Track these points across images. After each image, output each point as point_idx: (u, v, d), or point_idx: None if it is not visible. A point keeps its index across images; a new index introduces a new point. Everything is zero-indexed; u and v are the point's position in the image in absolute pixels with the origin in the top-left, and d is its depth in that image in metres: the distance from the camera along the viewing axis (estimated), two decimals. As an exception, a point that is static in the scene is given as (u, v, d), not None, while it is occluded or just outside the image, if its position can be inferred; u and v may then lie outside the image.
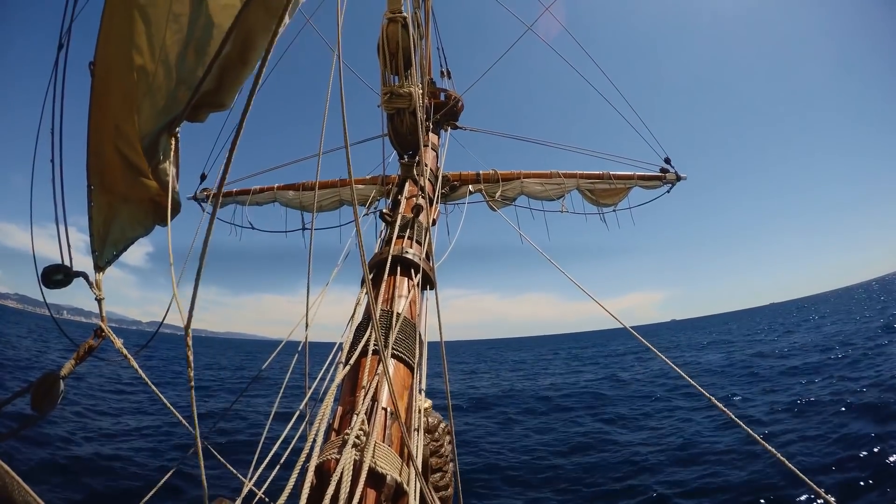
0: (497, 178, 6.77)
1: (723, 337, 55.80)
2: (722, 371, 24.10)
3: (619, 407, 17.13)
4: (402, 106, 3.92)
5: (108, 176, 1.70)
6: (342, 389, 2.13)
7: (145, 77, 1.60)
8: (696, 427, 13.02)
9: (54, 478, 8.94)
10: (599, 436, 13.08)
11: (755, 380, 20.02)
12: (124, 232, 1.88)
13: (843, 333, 32.03)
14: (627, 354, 44.01)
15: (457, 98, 7.56)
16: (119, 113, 1.62)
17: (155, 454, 10.74)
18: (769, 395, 16.42)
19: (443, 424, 3.03)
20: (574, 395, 20.08)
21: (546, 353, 58.93)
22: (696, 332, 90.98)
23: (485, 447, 12.31)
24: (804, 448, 10.14)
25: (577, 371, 32.26)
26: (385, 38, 3.72)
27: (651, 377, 23.87)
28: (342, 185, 7.20)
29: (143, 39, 1.56)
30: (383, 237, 3.32)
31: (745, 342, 40.79)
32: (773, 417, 13.13)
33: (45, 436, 10.89)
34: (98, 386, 19.28)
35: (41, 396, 1.55)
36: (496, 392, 22.29)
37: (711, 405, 2.69)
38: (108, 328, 1.69)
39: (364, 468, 1.62)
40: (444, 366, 2.68)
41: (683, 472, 9.71)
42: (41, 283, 1.63)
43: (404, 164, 4.18)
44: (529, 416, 16.46)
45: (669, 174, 7.31)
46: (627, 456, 11.00)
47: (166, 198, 1.88)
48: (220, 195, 1.65)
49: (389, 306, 2.53)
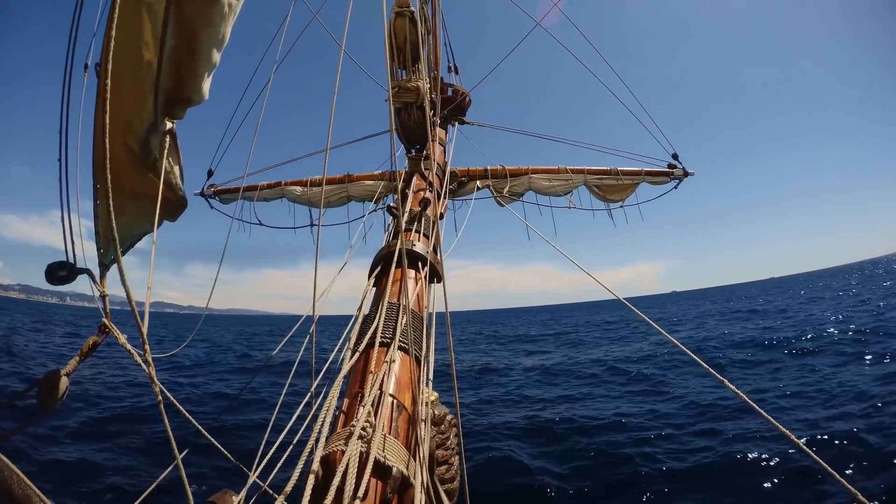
0: (505, 174, 6.76)
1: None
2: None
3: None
4: (409, 100, 3.92)
5: (116, 173, 1.70)
6: (349, 381, 2.13)
7: (151, 72, 1.60)
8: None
9: (54, 470, 9.01)
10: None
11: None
12: (131, 229, 1.88)
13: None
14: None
15: (464, 93, 7.55)
16: (130, 110, 1.62)
17: (157, 447, 10.76)
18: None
19: (449, 417, 3.02)
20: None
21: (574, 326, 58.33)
22: (694, 303, 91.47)
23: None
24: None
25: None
26: (393, 31, 3.71)
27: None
28: (349, 181, 7.20)
29: (149, 36, 1.55)
30: (391, 230, 3.33)
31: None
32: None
33: (46, 430, 10.95)
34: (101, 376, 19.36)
35: (46, 394, 1.55)
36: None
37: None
38: (112, 324, 1.69)
39: (370, 460, 1.61)
40: (452, 358, 2.67)
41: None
42: (46, 279, 1.63)
43: (412, 158, 4.18)
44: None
45: (677, 170, 7.28)
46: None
47: (166, 194, 1.88)
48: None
49: (397, 299, 2.53)
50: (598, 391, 15.62)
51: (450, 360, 2.68)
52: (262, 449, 2.46)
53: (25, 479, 1.23)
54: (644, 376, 17.08)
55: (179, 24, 1.64)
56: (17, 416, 9.37)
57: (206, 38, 1.75)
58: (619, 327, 44.13)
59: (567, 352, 27.90)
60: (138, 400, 15.19)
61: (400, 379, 2.11)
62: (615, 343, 30.66)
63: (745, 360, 19.06)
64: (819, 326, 25.49)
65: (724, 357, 20.00)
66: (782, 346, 20.79)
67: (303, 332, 3.23)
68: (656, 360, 20.46)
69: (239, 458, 3.00)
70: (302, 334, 3.20)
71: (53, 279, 1.62)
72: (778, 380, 14.87)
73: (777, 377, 15.33)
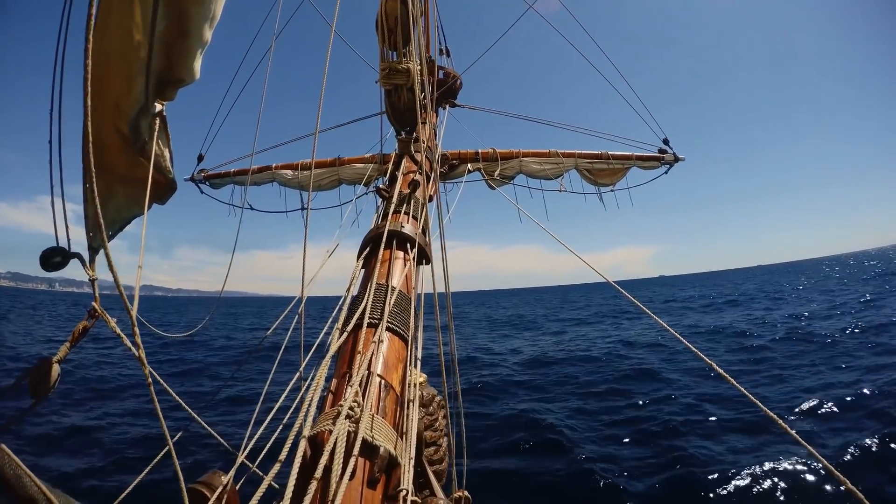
0: (496, 157, 6.76)
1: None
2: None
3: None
4: (400, 82, 3.89)
5: (106, 156, 1.69)
6: (337, 361, 2.13)
7: (141, 54, 1.59)
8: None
9: (45, 452, 9.04)
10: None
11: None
12: (120, 212, 1.87)
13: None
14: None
15: (455, 76, 7.50)
16: (120, 92, 1.61)
17: (148, 430, 10.79)
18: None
19: (438, 398, 3.05)
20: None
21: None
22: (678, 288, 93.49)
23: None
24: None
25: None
26: (384, 13, 3.68)
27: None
28: (340, 165, 7.17)
29: (138, 16, 1.54)
30: (380, 212, 3.32)
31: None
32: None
33: (38, 414, 10.95)
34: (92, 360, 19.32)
35: (37, 382, 1.55)
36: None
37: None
38: (101, 309, 1.68)
39: (358, 440, 1.62)
40: (440, 341, 2.69)
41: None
42: (41, 265, 1.62)
43: (402, 140, 4.16)
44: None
45: (668, 155, 7.30)
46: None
47: (156, 177, 1.87)
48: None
49: (385, 280, 2.53)
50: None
51: (437, 341, 2.71)
52: (250, 430, 2.48)
53: (15, 458, 1.23)
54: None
55: (170, 2, 1.62)
56: (11, 406, 9.39)
57: (196, 15, 1.72)
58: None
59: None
60: (130, 380, 15.23)
61: (388, 359, 2.12)
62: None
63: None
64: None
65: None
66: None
67: (292, 314, 3.24)
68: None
69: (227, 439, 3.02)
70: (291, 317, 3.21)
71: (49, 266, 1.61)
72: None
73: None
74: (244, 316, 59.44)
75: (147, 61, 1.65)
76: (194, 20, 1.73)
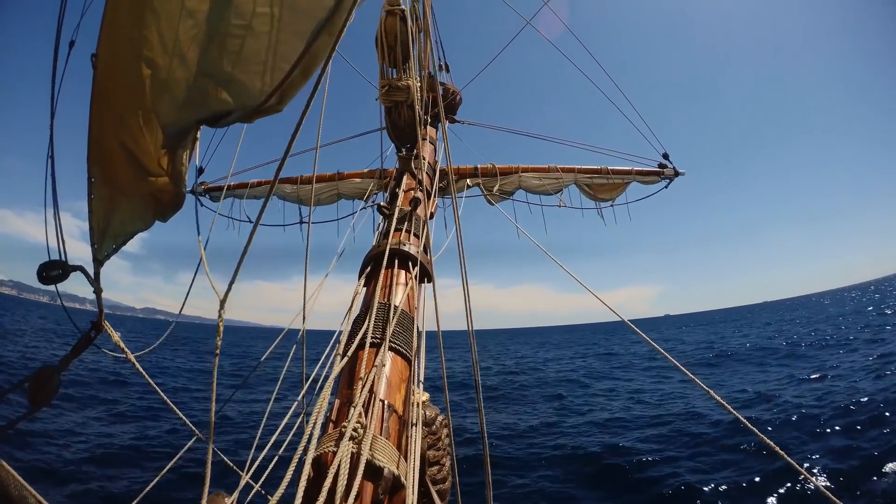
0: (495, 172, 6.78)
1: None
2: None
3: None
4: (400, 99, 3.91)
5: (110, 168, 1.69)
6: (339, 382, 2.12)
7: (157, 70, 1.58)
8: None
9: (49, 475, 8.94)
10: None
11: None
12: (124, 226, 1.87)
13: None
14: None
15: (455, 92, 7.54)
16: (125, 105, 1.61)
17: (152, 448, 10.73)
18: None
19: (440, 417, 3.03)
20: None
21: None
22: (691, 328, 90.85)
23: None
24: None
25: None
26: (383, 30, 3.71)
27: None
28: (339, 179, 7.19)
29: (152, 32, 1.54)
30: (381, 230, 3.32)
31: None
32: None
33: (41, 430, 10.89)
34: (95, 375, 19.26)
35: (37, 390, 1.54)
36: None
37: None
38: (106, 322, 1.68)
39: (362, 461, 1.62)
40: (442, 359, 2.68)
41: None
42: (38, 279, 1.62)
43: (402, 157, 4.17)
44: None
45: (667, 169, 7.32)
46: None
47: (174, 190, 1.87)
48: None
49: (387, 299, 2.52)
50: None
51: (440, 360, 2.69)
52: (253, 451, 2.46)
53: (21, 479, 1.22)
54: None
55: (305, 55, 1.65)
56: (7, 412, 9.33)
57: (321, 62, 1.77)
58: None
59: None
60: (132, 400, 15.16)
61: (391, 380, 2.10)
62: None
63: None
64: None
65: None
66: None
67: (292, 340, 3.23)
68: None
69: (230, 458, 3.00)
70: (293, 335, 3.20)
71: (47, 279, 1.60)
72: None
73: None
74: (256, 342, 59.01)
75: (265, 99, 1.68)
76: (318, 65, 1.78)
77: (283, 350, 3.72)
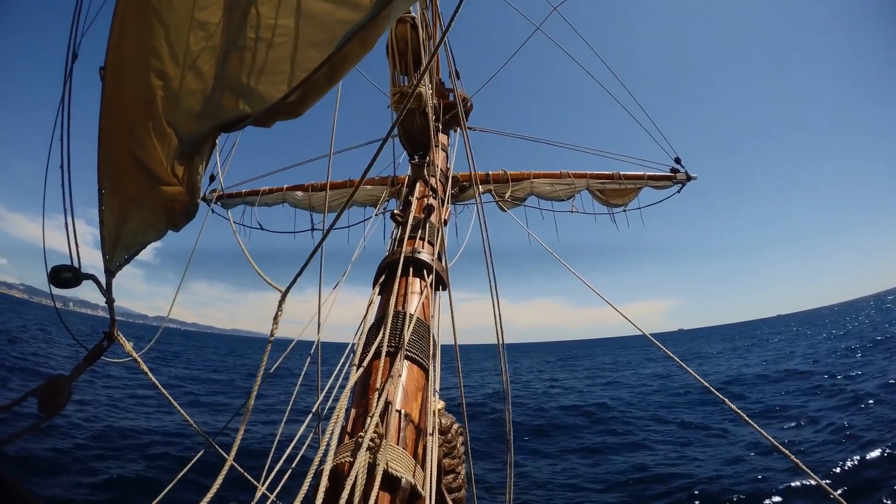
0: (507, 179, 6.76)
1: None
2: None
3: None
4: (412, 106, 3.91)
5: (121, 179, 1.69)
6: (355, 391, 2.11)
7: (168, 81, 1.59)
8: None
9: (56, 481, 8.98)
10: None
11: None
12: (136, 236, 1.87)
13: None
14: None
15: (466, 98, 7.55)
16: (134, 116, 1.61)
17: (164, 458, 10.75)
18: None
19: (456, 425, 3.01)
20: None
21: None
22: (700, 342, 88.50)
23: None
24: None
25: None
26: (394, 38, 3.72)
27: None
28: (351, 186, 7.19)
29: (160, 43, 1.54)
30: (395, 238, 3.31)
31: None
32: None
33: (53, 438, 10.93)
34: (104, 384, 19.35)
35: (48, 399, 1.54)
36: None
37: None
38: (119, 332, 1.68)
39: (378, 471, 1.60)
40: (458, 366, 2.66)
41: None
42: (49, 282, 1.62)
43: (415, 164, 4.16)
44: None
45: (680, 174, 7.27)
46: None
47: (187, 199, 1.87)
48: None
49: (402, 307, 2.50)
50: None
51: (456, 367, 2.68)
52: (269, 461, 2.45)
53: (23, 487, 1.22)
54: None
55: (332, 61, 1.67)
56: (18, 420, 9.37)
57: (348, 69, 1.80)
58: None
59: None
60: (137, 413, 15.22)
61: (407, 388, 2.09)
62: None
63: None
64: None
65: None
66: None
67: (307, 345, 3.21)
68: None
69: (247, 470, 2.99)
70: (306, 347, 3.19)
71: (57, 282, 1.60)
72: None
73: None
74: (255, 356, 58.67)
75: (284, 97, 1.69)
76: (345, 71, 1.81)
77: (297, 361, 3.71)
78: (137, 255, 2.01)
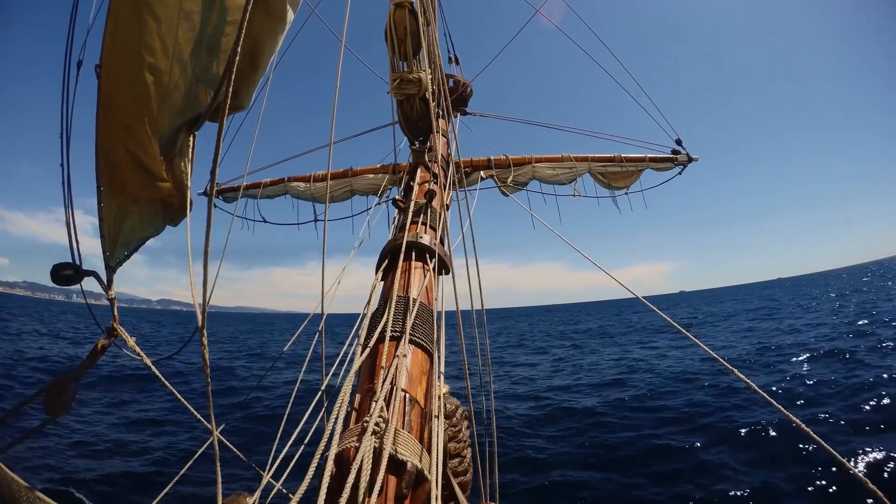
0: (508, 164, 6.75)
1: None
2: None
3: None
4: (412, 92, 3.89)
5: (119, 176, 1.69)
6: (360, 376, 2.11)
7: (159, 76, 1.58)
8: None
9: (60, 472, 9.05)
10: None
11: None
12: (135, 232, 1.87)
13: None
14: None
15: (466, 84, 7.52)
16: (130, 113, 1.60)
17: (170, 448, 10.80)
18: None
19: (461, 409, 3.02)
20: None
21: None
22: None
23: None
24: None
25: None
26: (392, 23, 3.69)
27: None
28: (352, 175, 7.19)
29: (153, 38, 1.53)
30: (397, 224, 3.30)
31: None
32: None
33: (57, 434, 10.99)
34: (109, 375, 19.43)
35: (54, 399, 1.54)
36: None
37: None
38: (121, 328, 1.68)
39: (384, 456, 1.60)
40: (463, 351, 2.66)
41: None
42: (52, 279, 1.62)
43: (416, 150, 4.14)
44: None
45: (681, 156, 7.25)
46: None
47: (180, 196, 1.87)
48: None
49: (405, 292, 2.50)
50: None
51: (461, 350, 2.67)
52: (274, 448, 2.46)
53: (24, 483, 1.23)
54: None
55: (246, 38, 1.64)
56: (25, 420, 9.43)
57: (268, 50, 1.80)
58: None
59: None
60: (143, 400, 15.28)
61: (412, 373, 2.09)
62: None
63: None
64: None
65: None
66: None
67: (311, 330, 3.21)
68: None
69: (251, 458, 3.00)
70: (311, 333, 3.20)
71: (59, 279, 1.61)
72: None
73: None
74: (273, 328, 58.18)
75: (218, 87, 1.68)
76: (266, 54, 1.80)
77: (301, 339, 3.69)
78: (137, 251, 2.01)
